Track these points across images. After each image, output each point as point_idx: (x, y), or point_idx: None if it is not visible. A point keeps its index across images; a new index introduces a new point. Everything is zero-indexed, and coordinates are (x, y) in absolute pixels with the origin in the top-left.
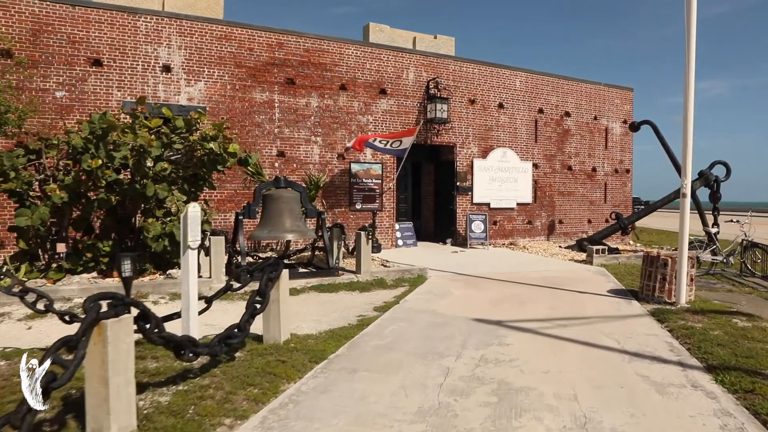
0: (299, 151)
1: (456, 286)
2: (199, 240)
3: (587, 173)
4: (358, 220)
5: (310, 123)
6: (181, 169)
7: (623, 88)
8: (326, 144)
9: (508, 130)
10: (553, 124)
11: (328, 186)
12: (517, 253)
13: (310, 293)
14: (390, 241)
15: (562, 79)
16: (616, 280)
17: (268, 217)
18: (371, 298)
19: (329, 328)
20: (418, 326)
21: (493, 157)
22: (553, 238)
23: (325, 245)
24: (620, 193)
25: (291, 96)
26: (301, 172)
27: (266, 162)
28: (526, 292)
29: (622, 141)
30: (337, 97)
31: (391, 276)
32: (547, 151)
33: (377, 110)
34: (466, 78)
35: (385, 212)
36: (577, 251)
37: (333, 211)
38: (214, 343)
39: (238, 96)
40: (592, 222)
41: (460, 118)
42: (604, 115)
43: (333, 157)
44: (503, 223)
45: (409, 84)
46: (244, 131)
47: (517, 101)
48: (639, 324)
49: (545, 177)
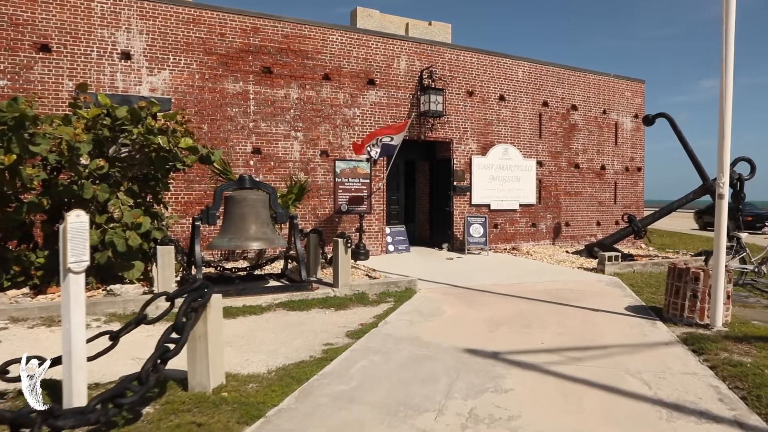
0: (277, 148)
1: (448, 303)
2: (86, 261)
3: (596, 171)
4: (343, 224)
5: (290, 116)
6: (127, 168)
7: (634, 80)
8: (308, 140)
9: (510, 125)
10: (559, 119)
11: (310, 187)
12: (520, 259)
13: (277, 311)
14: (380, 247)
15: (569, 70)
16: (633, 293)
17: (229, 223)
18: (347, 319)
19: (284, 364)
20: (395, 362)
21: (494, 154)
22: (559, 242)
23: (297, 255)
24: (631, 193)
25: (268, 87)
26: (280, 170)
27: (240, 160)
28: (530, 310)
29: (633, 137)
30: (320, 88)
31: (374, 289)
32: (553, 148)
33: (365, 102)
34: (463, 68)
35: (374, 215)
36: (586, 257)
37: (316, 214)
38: (91, 407)
39: (207, 86)
40: (601, 224)
41: (458, 111)
42: (614, 108)
43: (315, 154)
44: (505, 226)
45: (400, 74)
46: (215, 125)
47: (519, 93)
48: (671, 356)
49: (550, 176)
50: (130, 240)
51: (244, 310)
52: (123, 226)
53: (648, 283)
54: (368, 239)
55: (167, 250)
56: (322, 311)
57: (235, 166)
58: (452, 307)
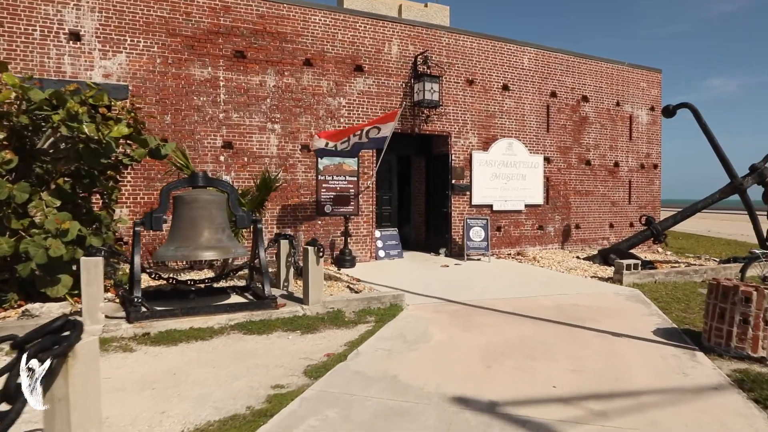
0: (251, 142)
1: (439, 323)
2: None
3: (608, 169)
4: (327, 227)
5: (266, 107)
6: (52, 162)
7: (650, 70)
8: (286, 133)
9: (515, 117)
10: (569, 111)
11: (289, 185)
12: (526, 266)
13: (231, 336)
14: (368, 253)
15: (579, 58)
16: (659, 310)
17: (177, 229)
18: (313, 346)
19: (208, 421)
20: (356, 420)
21: (497, 149)
22: (568, 246)
23: (260, 265)
24: (647, 193)
25: (241, 73)
26: (255, 167)
27: (208, 155)
28: (537, 335)
29: (648, 131)
30: (301, 74)
31: (352, 306)
32: (562, 143)
33: (352, 91)
34: (463, 54)
35: (362, 217)
36: (599, 263)
37: (296, 216)
38: None
39: (171, 72)
40: (614, 227)
41: (456, 102)
42: (628, 100)
43: (295, 149)
44: (508, 228)
45: (392, 60)
46: (179, 116)
47: (525, 82)
48: (727, 410)
49: (559, 173)
50: (51, 250)
51: (190, 335)
52: (46, 232)
53: (675, 297)
54: (355, 244)
55: (93, 262)
56: (285, 335)
57: (203, 162)
58: (443, 329)
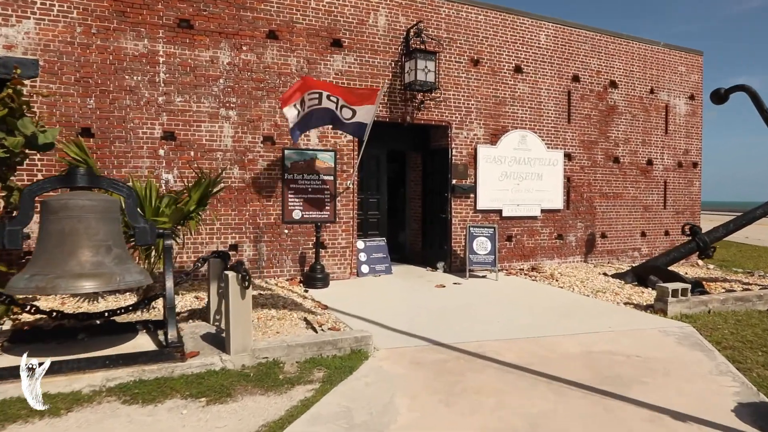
0: (200, 132)
1: (411, 389)
2: None
3: (640, 167)
4: (296, 237)
5: (218, 89)
6: None
7: (690, 51)
8: (245, 121)
9: (529, 105)
10: (594, 98)
11: (248, 186)
12: (541, 287)
13: (101, 407)
14: (348, 268)
15: (606, 36)
16: (730, 364)
17: (41, 248)
18: (213, 430)
19: None
20: None
21: (507, 143)
22: (592, 259)
23: (166, 299)
24: (685, 195)
25: (186, 47)
26: (204, 163)
27: (144, 148)
28: (559, 417)
29: (687, 123)
30: (263, 49)
31: (295, 354)
32: (585, 136)
33: (328, 71)
34: (466, 28)
35: (340, 224)
36: (630, 282)
37: (255, 224)
38: None
39: (96, 44)
40: (646, 235)
41: (458, 85)
42: (664, 87)
43: (256, 141)
44: (521, 238)
45: (378, 33)
46: (106, 99)
47: (542, 64)
48: None
49: (582, 172)
50: None
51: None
52: None
53: (743, 338)
54: (331, 258)
55: None
56: (182, 406)
57: (137, 158)
58: (415, 400)
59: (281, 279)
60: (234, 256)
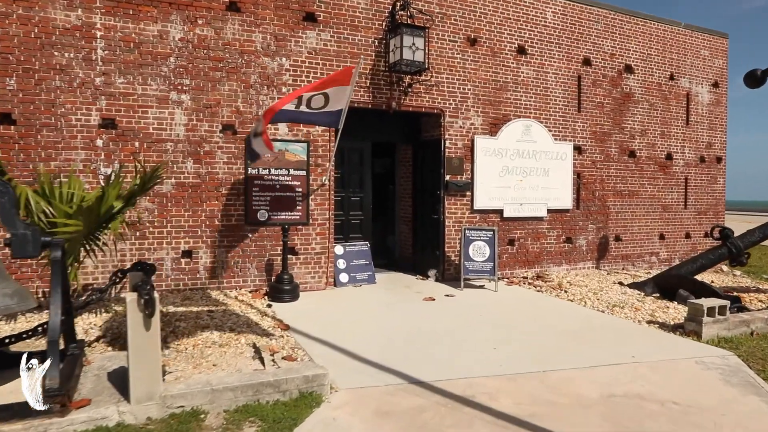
0: (146, 119)
1: None
2: None
3: (659, 162)
4: (262, 242)
5: (169, 69)
6: None
7: (714, 34)
8: (200, 107)
9: (534, 92)
10: (607, 84)
11: (205, 182)
12: (548, 300)
13: None
14: (324, 277)
15: (622, 14)
16: None
17: None
18: None
19: None
20: None
21: (509, 134)
22: (605, 265)
23: (48, 331)
24: (708, 194)
25: (130, 19)
26: (152, 155)
27: (78, 137)
28: None
29: (711, 114)
30: (222, 23)
31: (222, 401)
32: (598, 127)
33: (299, 49)
34: (461, 2)
35: (313, 226)
36: (650, 294)
37: (213, 227)
38: None
39: (17, 14)
40: (665, 238)
41: (452, 67)
42: (685, 72)
43: (214, 130)
44: (525, 242)
45: (359, 6)
46: (30, 80)
47: (548, 45)
48: None
49: (594, 167)
50: None
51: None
52: None
53: None
54: (303, 266)
55: None
56: None
57: (69, 148)
58: None
59: (244, 290)
60: (188, 263)
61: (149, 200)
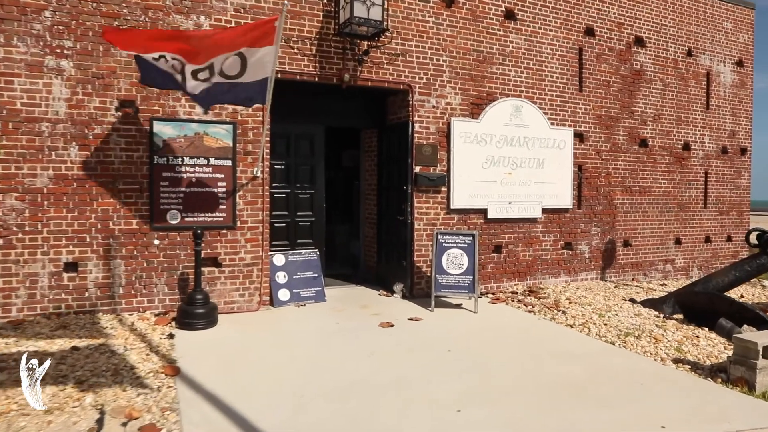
0: (12, 92)
1: None
2: None
3: (675, 153)
4: (173, 251)
5: (44, 26)
6: None
7: (739, 3)
8: (88, 77)
9: (526, 65)
10: (614, 59)
11: (96, 174)
12: (541, 326)
13: None
14: (256, 295)
15: None
16: None
17: None
18: None
19: None
20: None
21: (495, 116)
22: (612, 275)
23: None
24: (731, 190)
25: None
26: (21, 139)
27: None
28: None
29: (734, 96)
30: None
31: None
32: (603, 110)
33: (223, 5)
34: None
35: (242, 231)
36: (670, 314)
37: (107, 231)
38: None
39: None
40: (682, 243)
41: (422, 33)
42: (705, 48)
43: (108, 107)
44: (515, 248)
45: None
46: None
47: (543, 9)
48: None
49: (598, 158)
50: None
51: None
52: None
53: None
54: (229, 280)
55: None
56: None
57: None
58: None
59: (149, 313)
60: (73, 279)
61: (17, 198)
